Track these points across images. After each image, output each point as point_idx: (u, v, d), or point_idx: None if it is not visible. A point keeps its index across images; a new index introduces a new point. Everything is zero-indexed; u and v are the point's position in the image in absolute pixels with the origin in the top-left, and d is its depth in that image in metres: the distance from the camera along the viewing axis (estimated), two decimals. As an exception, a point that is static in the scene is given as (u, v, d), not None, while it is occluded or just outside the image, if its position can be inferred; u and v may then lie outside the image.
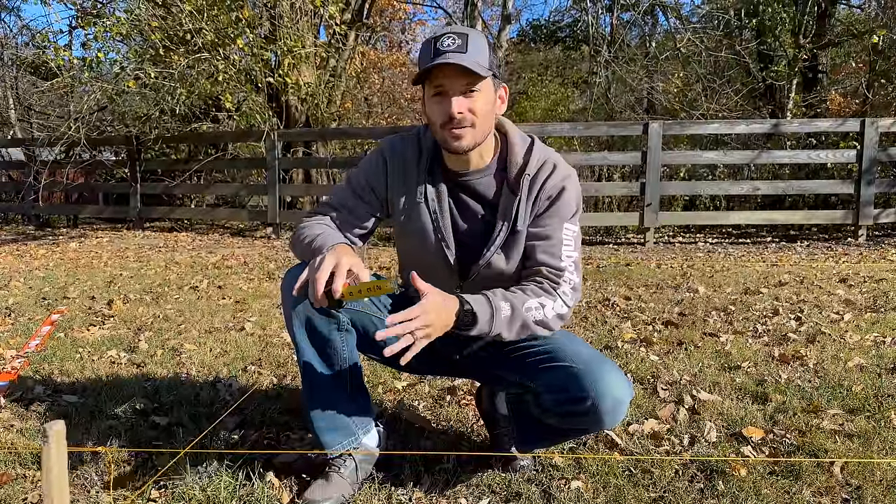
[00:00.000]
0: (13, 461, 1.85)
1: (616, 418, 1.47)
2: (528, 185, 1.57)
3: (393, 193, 1.67)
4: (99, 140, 9.00)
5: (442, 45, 1.44)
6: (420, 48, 1.51)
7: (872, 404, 2.21)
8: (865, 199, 6.90)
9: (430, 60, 1.44)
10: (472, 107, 1.47)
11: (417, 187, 1.63)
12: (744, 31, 11.31)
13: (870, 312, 3.53)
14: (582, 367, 1.47)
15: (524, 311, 1.48)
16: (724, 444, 1.96)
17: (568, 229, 1.58)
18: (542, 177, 1.57)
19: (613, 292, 4.23)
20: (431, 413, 2.23)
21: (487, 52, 1.47)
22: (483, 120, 1.51)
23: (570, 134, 8.33)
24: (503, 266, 1.61)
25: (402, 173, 1.65)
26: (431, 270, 1.66)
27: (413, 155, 1.65)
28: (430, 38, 1.49)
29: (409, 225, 1.66)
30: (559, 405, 1.52)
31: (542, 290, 1.54)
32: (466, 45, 1.44)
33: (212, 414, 2.19)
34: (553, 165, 1.58)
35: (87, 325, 3.44)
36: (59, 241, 7.64)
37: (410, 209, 1.65)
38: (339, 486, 1.64)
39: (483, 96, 1.49)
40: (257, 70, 7.38)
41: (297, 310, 1.59)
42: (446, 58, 1.42)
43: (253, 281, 4.79)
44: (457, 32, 1.47)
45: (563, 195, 1.57)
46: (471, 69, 1.42)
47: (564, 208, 1.58)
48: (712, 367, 2.66)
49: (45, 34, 8.03)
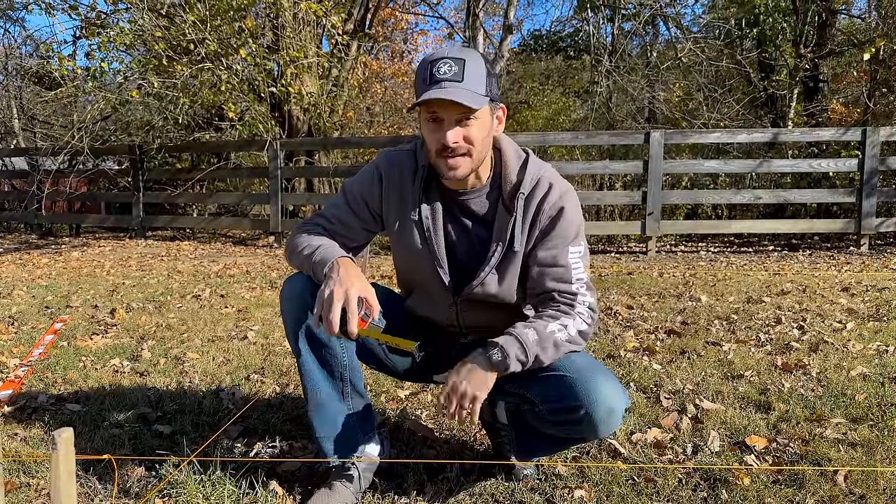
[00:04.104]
0: (18, 469, 1.85)
1: (611, 427, 1.47)
2: (523, 205, 1.55)
3: (387, 208, 1.66)
4: (102, 149, 9.04)
5: (438, 72, 1.42)
6: (417, 68, 1.49)
7: (876, 413, 2.21)
8: (867, 209, 6.91)
9: (425, 87, 1.43)
10: (467, 135, 1.46)
11: (412, 204, 1.62)
12: (744, 40, 11.35)
13: (872, 321, 3.53)
14: (576, 375, 1.46)
15: (548, 333, 1.48)
16: (728, 452, 1.96)
17: (574, 252, 1.56)
18: (539, 195, 1.55)
19: (616, 301, 4.23)
20: (434, 422, 2.23)
21: (484, 76, 1.45)
22: (479, 147, 1.49)
23: (571, 143, 8.37)
24: (496, 287, 1.60)
25: (398, 188, 1.64)
26: (426, 286, 1.67)
27: (409, 171, 1.63)
28: (427, 60, 1.46)
29: (402, 241, 1.66)
30: (554, 414, 1.51)
31: (559, 312, 1.53)
32: (463, 72, 1.42)
33: (215, 422, 2.20)
34: (549, 184, 1.56)
35: (90, 334, 3.45)
36: (62, 250, 7.66)
37: (404, 226, 1.64)
38: (342, 495, 1.64)
39: (479, 123, 1.47)
40: (260, 80, 7.42)
41: (296, 317, 1.59)
42: (441, 88, 1.41)
43: (255, 290, 4.80)
44: (453, 58, 1.43)
45: (564, 215, 1.55)
46: (464, 104, 1.39)
47: (566, 230, 1.55)
48: (715, 375, 2.66)
49: (49, 44, 8.10)
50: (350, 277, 1.44)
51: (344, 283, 1.42)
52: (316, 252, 1.55)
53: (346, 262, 1.50)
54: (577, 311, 1.54)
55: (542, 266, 1.56)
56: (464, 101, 1.39)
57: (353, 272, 1.47)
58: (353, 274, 1.46)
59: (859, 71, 10.67)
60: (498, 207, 1.58)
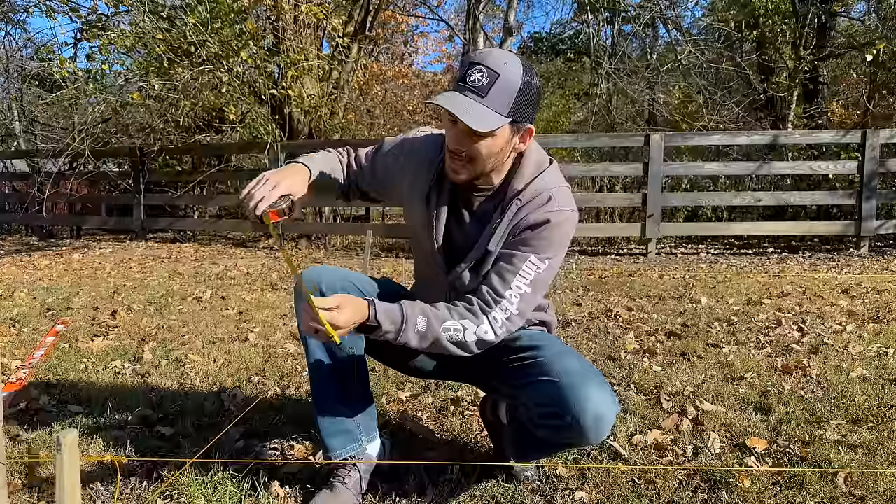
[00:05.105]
0: (20, 471, 1.85)
1: (601, 434, 1.44)
2: (514, 211, 1.52)
3: (405, 181, 1.69)
4: (103, 151, 9.05)
5: (469, 77, 1.39)
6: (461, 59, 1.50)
7: (876, 415, 2.21)
8: (867, 211, 6.91)
9: (451, 86, 1.42)
10: (469, 149, 1.45)
11: (424, 186, 1.63)
12: (744, 43, 11.37)
13: (872, 323, 3.53)
14: (566, 380, 1.43)
15: (441, 329, 1.46)
16: (728, 454, 1.96)
17: (532, 263, 1.49)
18: (531, 207, 1.51)
19: (616, 303, 4.24)
20: (435, 423, 2.23)
21: (514, 96, 1.40)
22: (482, 162, 1.48)
23: (571, 145, 8.36)
24: (470, 283, 1.58)
25: (418, 167, 1.66)
26: (428, 262, 1.71)
27: (433, 154, 1.64)
28: (470, 58, 1.43)
29: (411, 218, 1.70)
30: (544, 419, 1.49)
31: (469, 311, 1.49)
32: (491, 87, 1.38)
33: (216, 424, 2.20)
34: (548, 198, 1.51)
35: (92, 336, 3.45)
36: (63, 252, 7.67)
37: (412, 203, 1.67)
38: (343, 497, 1.65)
39: (488, 142, 1.44)
40: (261, 82, 7.43)
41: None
42: (458, 97, 1.39)
43: (256, 292, 4.80)
44: (490, 68, 1.38)
45: (545, 228, 1.49)
46: (468, 125, 1.37)
47: (540, 242, 1.50)
48: (715, 377, 2.66)
49: (50, 46, 8.11)
50: (290, 175, 1.52)
51: (280, 175, 1.50)
52: (303, 157, 1.65)
53: (300, 168, 1.58)
54: (492, 315, 1.49)
55: (497, 259, 1.53)
56: (469, 123, 1.37)
57: (299, 177, 1.54)
58: (296, 175, 1.54)
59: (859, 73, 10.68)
60: (496, 211, 1.57)
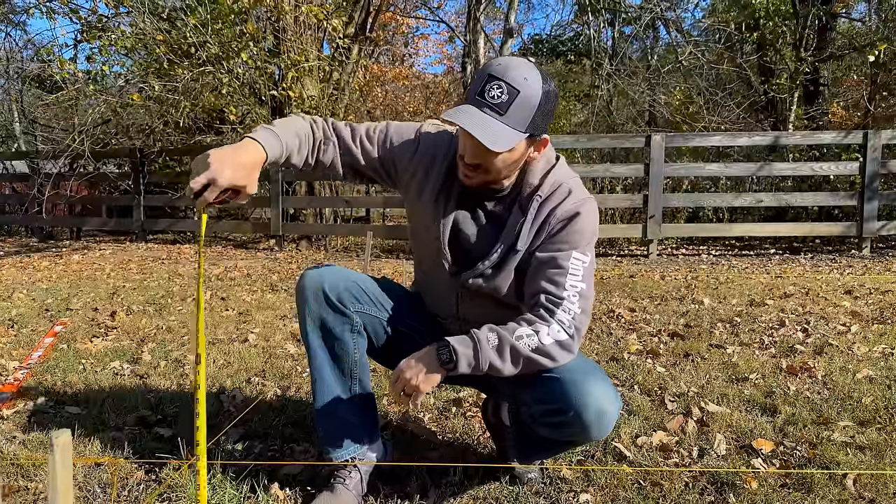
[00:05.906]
0: (16, 472, 1.83)
1: (603, 429, 1.44)
2: (536, 207, 1.51)
3: (409, 178, 1.63)
4: (103, 153, 9.03)
5: (487, 92, 1.36)
6: (482, 65, 1.43)
7: (883, 416, 2.19)
8: (869, 212, 6.89)
9: (468, 99, 1.39)
10: (484, 161, 1.44)
11: (433, 183, 1.60)
12: (745, 44, 11.36)
13: (877, 324, 3.51)
14: (568, 376, 1.43)
15: (514, 339, 1.41)
16: (734, 456, 1.93)
17: (577, 259, 1.49)
18: (555, 200, 1.51)
19: (618, 304, 4.22)
20: (437, 425, 2.21)
21: (533, 112, 1.38)
22: (496, 172, 1.47)
23: (572, 146, 8.34)
24: (492, 282, 1.57)
25: (429, 165, 1.61)
26: (433, 266, 1.66)
27: (443, 151, 1.61)
28: (488, 69, 1.39)
29: (417, 216, 1.65)
30: (546, 416, 1.49)
31: (535, 317, 1.46)
32: (510, 105, 1.35)
33: (216, 425, 2.17)
34: (568, 190, 1.51)
35: (90, 337, 3.43)
36: (63, 253, 7.65)
37: (421, 202, 1.61)
38: (344, 498, 1.63)
39: (503, 156, 1.42)
40: (261, 83, 7.42)
41: (311, 308, 1.60)
42: (474, 113, 1.36)
43: (256, 293, 4.78)
44: (510, 84, 1.35)
45: (577, 220, 1.50)
46: (485, 145, 1.34)
47: (576, 235, 1.50)
48: (720, 378, 2.64)
49: (50, 48, 8.10)
50: (237, 166, 1.37)
51: (226, 161, 1.35)
52: (262, 131, 1.48)
53: (254, 150, 1.44)
54: (558, 317, 1.45)
55: (539, 264, 1.51)
56: (486, 143, 1.34)
57: (248, 163, 1.41)
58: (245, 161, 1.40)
59: (860, 75, 10.67)
60: (514, 208, 1.54)
